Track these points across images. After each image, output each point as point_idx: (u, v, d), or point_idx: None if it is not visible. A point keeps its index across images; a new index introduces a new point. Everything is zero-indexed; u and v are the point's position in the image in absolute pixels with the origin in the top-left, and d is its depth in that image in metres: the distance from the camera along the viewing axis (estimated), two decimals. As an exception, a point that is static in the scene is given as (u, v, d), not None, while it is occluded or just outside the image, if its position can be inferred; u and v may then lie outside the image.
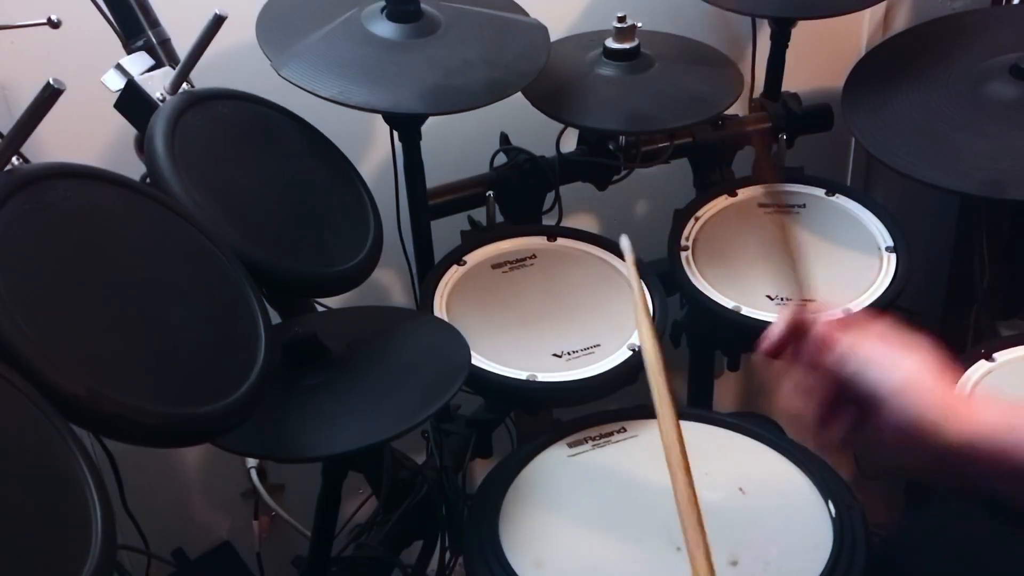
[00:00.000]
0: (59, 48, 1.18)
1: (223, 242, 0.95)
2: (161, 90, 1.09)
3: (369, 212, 1.19)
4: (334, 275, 1.09)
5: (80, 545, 0.65)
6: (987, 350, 1.23)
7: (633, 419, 1.17)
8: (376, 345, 1.05)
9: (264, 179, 1.10)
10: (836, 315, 0.82)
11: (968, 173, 1.22)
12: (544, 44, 1.25)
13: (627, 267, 0.93)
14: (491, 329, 1.21)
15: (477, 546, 1.02)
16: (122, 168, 0.93)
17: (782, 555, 1.00)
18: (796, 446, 1.13)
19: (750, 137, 1.49)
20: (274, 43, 1.16)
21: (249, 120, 1.13)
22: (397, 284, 1.65)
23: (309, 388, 0.97)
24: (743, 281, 1.31)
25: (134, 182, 0.91)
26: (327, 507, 1.07)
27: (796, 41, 1.47)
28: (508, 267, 1.32)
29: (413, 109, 1.14)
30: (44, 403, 0.68)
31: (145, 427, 0.74)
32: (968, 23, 1.46)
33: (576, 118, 1.31)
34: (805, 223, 1.39)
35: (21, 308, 0.70)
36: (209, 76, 1.16)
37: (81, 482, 0.67)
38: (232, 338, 0.89)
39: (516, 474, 1.11)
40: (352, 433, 0.93)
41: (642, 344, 0.88)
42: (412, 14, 1.19)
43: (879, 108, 1.35)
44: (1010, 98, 1.28)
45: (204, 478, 1.69)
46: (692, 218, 1.41)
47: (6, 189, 0.76)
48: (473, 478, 1.38)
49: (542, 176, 1.43)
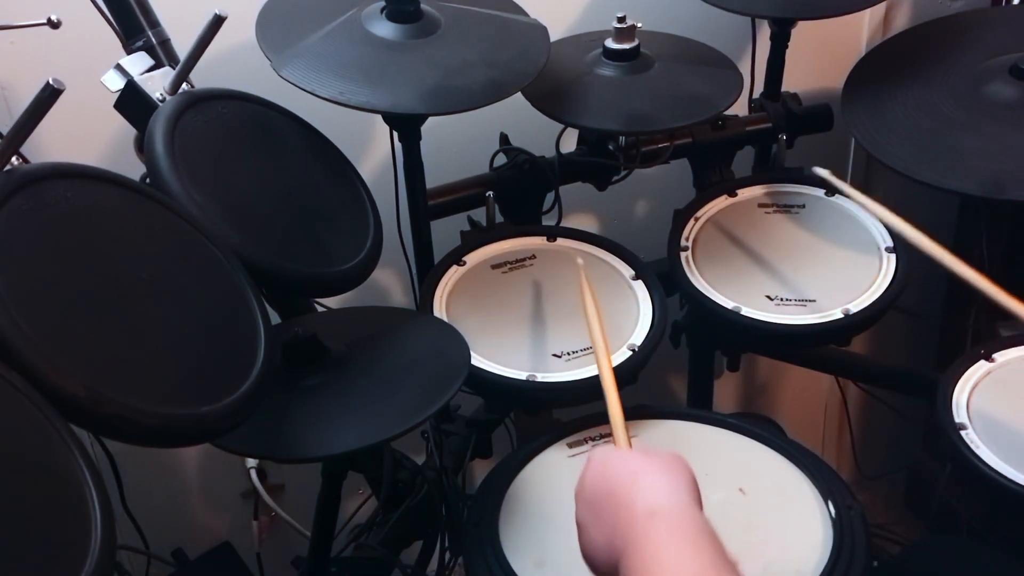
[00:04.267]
0: (59, 48, 1.18)
1: (223, 242, 0.95)
2: (161, 90, 1.09)
3: (369, 212, 1.19)
4: (334, 275, 1.09)
5: (80, 545, 0.65)
6: (987, 350, 1.23)
7: (633, 419, 1.17)
8: (376, 345, 1.05)
9: (264, 179, 1.10)
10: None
11: (968, 173, 1.22)
12: (544, 44, 1.25)
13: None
14: (491, 329, 1.21)
15: (477, 546, 1.02)
16: (122, 168, 0.93)
17: (782, 555, 1.00)
18: (796, 446, 1.13)
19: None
20: (274, 43, 1.16)
21: (249, 120, 1.13)
22: (397, 284, 1.65)
23: (309, 388, 0.97)
24: (743, 281, 1.31)
25: (134, 182, 0.91)
26: (327, 507, 1.07)
27: (796, 41, 1.47)
28: (508, 267, 1.32)
29: (413, 109, 1.14)
30: (44, 403, 0.68)
31: (145, 427, 0.74)
32: (968, 23, 1.46)
33: (576, 118, 1.31)
34: (805, 223, 1.39)
35: (21, 308, 0.70)
36: (209, 76, 1.16)
37: (81, 482, 0.68)
38: (232, 338, 0.89)
39: (516, 474, 1.11)
40: (352, 433, 0.93)
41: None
42: (412, 14, 1.19)
43: (879, 108, 1.35)
44: (1010, 98, 1.28)
45: (204, 478, 1.69)
46: (692, 218, 1.41)
47: (6, 189, 0.76)
48: (473, 478, 1.38)
49: (542, 176, 1.43)
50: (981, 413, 1.14)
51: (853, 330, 1.27)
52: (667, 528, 0.68)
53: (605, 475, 0.76)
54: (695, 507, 0.71)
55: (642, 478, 0.73)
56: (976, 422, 1.13)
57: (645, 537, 0.68)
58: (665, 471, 0.74)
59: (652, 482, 0.72)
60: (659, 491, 0.71)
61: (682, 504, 0.70)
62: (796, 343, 1.42)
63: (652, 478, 0.73)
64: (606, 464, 0.77)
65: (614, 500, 0.73)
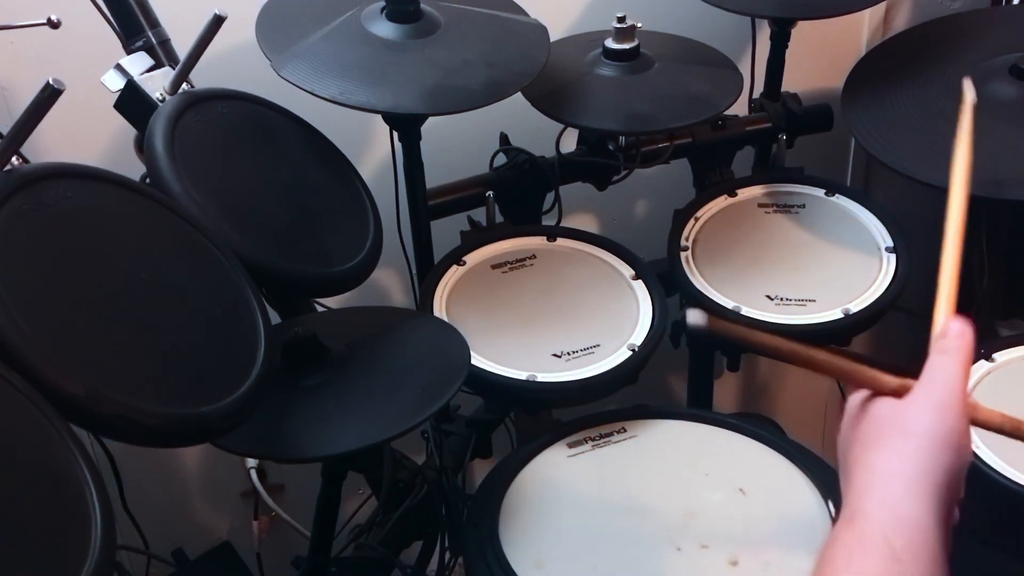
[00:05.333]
0: (59, 48, 1.18)
1: (223, 242, 0.95)
2: (161, 90, 1.09)
3: (369, 212, 1.19)
4: (334, 275, 1.09)
5: (80, 545, 0.65)
6: (987, 350, 1.23)
7: (633, 419, 1.18)
8: (376, 345, 1.05)
9: (264, 179, 1.10)
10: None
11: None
12: (544, 44, 1.25)
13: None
14: (491, 329, 1.21)
15: (477, 546, 1.02)
16: (122, 168, 0.93)
17: (782, 555, 1.00)
18: (796, 446, 1.13)
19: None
20: (274, 43, 1.16)
21: (249, 120, 1.13)
22: (397, 284, 1.65)
23: (309, 388, 0.97)
24: (743, 281, 1.31)
25: (134, 182, 0.91)
26: (327, 507, 1.07)
27: (796, 41, 1.47)
28: (508, 267, 1.32)
29: (413, 109, 1.14)
30: (44, 403, 0.68)
31: (145, 427, 0.74)
32: (968, 23, 1.46)
33: (576, 118, 1.31)
34: (805, 223, 1.39)
35: (21, 308, 0.70)
36: (209, 76, 1.16)
37: (81, 482, 0.68)
38: (232, 338, 0.89)
39: (516, 474, 1.11)
40: (352, 433, 0.93)
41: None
42: (412, 14, 1.19)
43: (879, 108, 1.35)
44: (1010, 98, 1.27)
45: (204, 478, 1.69)
46: (692, 218, 1.41)
47: (6, 189, 0.76)
48: (473, 478, 1.38)
49: (542, 176, 1.43)
50: (981, 413, 1.14)
51: (853, 330, 1.27)
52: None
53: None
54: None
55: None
56: (976, 422, 1.13)
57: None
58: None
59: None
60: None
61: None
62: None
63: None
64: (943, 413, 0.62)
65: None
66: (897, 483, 0.59)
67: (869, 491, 0.60)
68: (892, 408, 0.63)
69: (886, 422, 0.63)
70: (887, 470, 0.60)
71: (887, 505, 0.59)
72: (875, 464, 0.61)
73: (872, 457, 0.62)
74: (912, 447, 0.61)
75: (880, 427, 0.63)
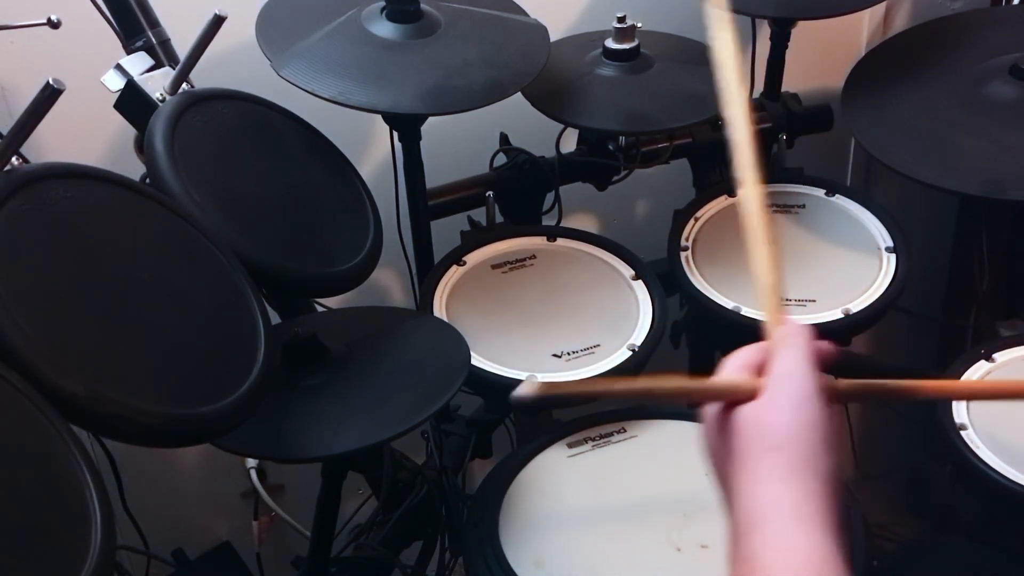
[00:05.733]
0: (59, 48, 1.18)
1: (223, 242, 0.95)
2: (161, 90, 1.09)
3: (369, 212, 1.19)
4: (334, 275, 1.09)
5: (80, 545, 0.65)
6: (987, 350, 1.23)
7: (633, 419, 1.17)
8: (376, 345, 1.05)
9: (264, 179, 1.10)
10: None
11: (968, 173, 1.22)
12: (544, 44, 1.25)
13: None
14: (491, 329, 1.21)
15: (477, 546, 1.02)
16: (122, 168, 0.93)
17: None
18: (796, 446, 1.13)
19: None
20: (274, 43, 1.16)
21: (249, 120, 1.13)
22: (397, 284, 1.65)
23: (309, 388, 0.97)
24: (743, 281, 1.31)
25: (134, 182, 0.91)
26: (327, 507, 1.07)
27: (796, 41, 1.47)
28: (508, 267, 1.32)
29: (413, 109, 1.14)
30: (44, 403, 0.68)
31: (145, 427, 0.74)
32: (968, 23, 1.46)
33: (576, 118, 1.31)
34: (805, 223, 1.39)
35: (21, 308, 0.70)
36: (209, 76, 1.16)
37: (81, 482, 0.68)
38: (232, 338, 0.89)
39: (516, 474, 1.11)
40: (352, 433, 0.93)
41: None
42: (412, 14, 1.19)
43: (879, 108, 1.35)
44: (1010, 98, 1.27)
45: (204, 478, 1.69)
46: (692, 218, 1.41)
47: (6, 189, 0.76)
48: (473, 478, 1.38)
49: (542, 176, 1.43)
50: (981, 413, 1.14)
51: (853, 330, 1.27)
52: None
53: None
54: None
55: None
56: (976, 422, 1.13)
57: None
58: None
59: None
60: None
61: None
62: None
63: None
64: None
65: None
66: (783, 517, 0.58)
67: (754, 527, 0.58)
68: (754, 414, 0.61)
69: (752, 432, 0.61)
70: (769, 499, 0.58)
71: (771, 546, 0.57)
72: (755, 493, 0.59)
73: (749, 483, 0.60)
74: (785, 462, 0.59)
75: (748, 439, 0.61)
